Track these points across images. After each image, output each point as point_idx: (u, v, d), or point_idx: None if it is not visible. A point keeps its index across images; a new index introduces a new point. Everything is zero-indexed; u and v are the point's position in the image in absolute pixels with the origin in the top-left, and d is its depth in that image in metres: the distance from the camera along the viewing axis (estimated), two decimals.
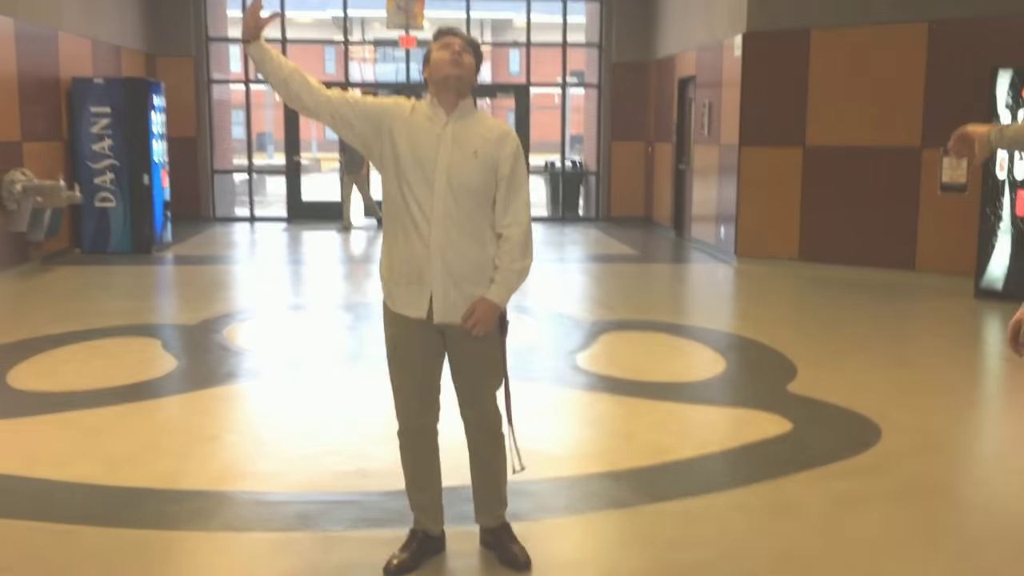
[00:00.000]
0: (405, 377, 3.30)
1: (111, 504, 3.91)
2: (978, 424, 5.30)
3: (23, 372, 5.92)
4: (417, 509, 3.42)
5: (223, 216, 15.09)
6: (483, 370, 3.30)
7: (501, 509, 3.45)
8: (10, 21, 9.39)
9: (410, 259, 3.15)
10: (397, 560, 3.32)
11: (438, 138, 3.14)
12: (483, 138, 3.17)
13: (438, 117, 3.17)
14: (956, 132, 2.95)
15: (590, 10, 15.95)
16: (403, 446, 3.38)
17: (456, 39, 3.19)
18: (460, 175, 3.11)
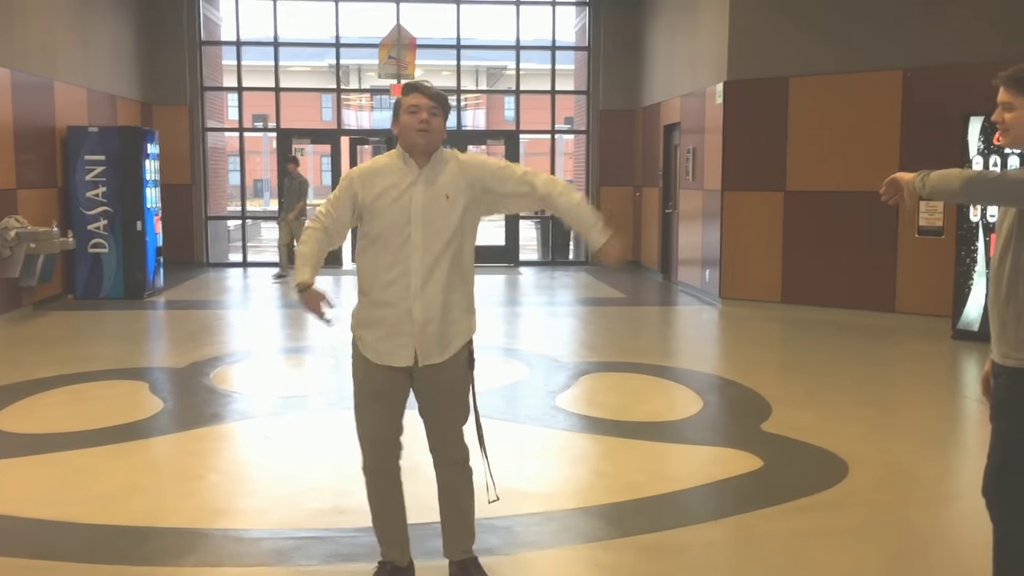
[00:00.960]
0: (371, 418, 3.40)
1: (91, 541, 4.01)
2: (945, 461, 5.40)
3: (12, 414, 6.02)
4: (385, 542, 3.52)
5: (217, 262, 15.26)
6: (451, 406, 3.43)
7: (469, 543, 3.54)
8: (7, 71, 9.62)
9: (389, 312, 3.29)
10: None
11: (411, 190, 3.28)
12: (448, 177, 3.33)
13: (410, 171, 3.31)
14: (887, 178, 3.10)
15: (578, 58, 16.28)
16: (369, 483, 3.48)
17: (424, 100, 3.29)
18: (436, 221, 3.26)
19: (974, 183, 2.91)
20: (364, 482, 3.49)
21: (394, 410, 3.40)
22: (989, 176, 2.95)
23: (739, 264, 10.71)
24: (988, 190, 2.96)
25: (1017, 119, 2.95)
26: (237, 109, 15.92)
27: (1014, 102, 2.95)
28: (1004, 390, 2.98)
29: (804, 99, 10.16)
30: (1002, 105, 2.98)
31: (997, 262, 3.00)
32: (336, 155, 15.67)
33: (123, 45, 13.22)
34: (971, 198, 2.99)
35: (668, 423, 5.97)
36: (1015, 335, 2.93)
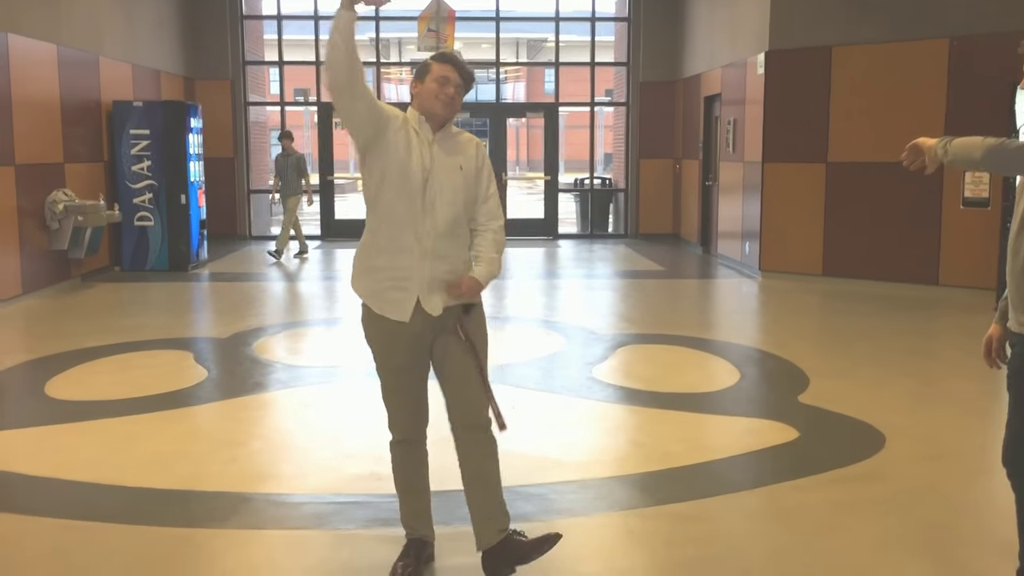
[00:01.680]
0: (397, 391, 3.38)
1: (135, 504, 4.13)
2: (984, 434, 5.34)
3: (60, 383, 6.18)
4: (413, 517, 3.49)
5: (259, 235, 15.44)
6: (467, 367, 3.30)
7: (504, 522, 3.32)
8: (53, 47, 9.78)
9: (396, 266, 3.26)
10: (401, 569, 3.37)
11: (425, 154, 3.28)
12: (463, 151, 3.35)
13: (425, 133, 3.31)
14: (909, 144, 3.05)
15: (618, 30, 16.15)
16: (395, 457, 3.48)
17: (456, 75, 3.27)
18: (449, 188, 3.27)
19: (996, 152, 2.87)
20: (390, 458, 3.49)
21: (418, 382, 3.37)
22: (1012, 145, 2.90)
23: (780, 236, 10.62)
24: (1011, 159, 2.90)
25: None
26: (278, 83, 16.04)
27: None
28: (1019, 359, 2.98)
29: (847, 69, 10.00)
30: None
31: (1015, 233, 2.97)
32: None
33: (166, 20, 13.36)
34: (993, 167, 2.95)
35: (705, 394, 5.97)
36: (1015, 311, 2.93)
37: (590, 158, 16.41)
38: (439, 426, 3.49)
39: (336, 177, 16.69)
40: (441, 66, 3.29)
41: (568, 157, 26.35)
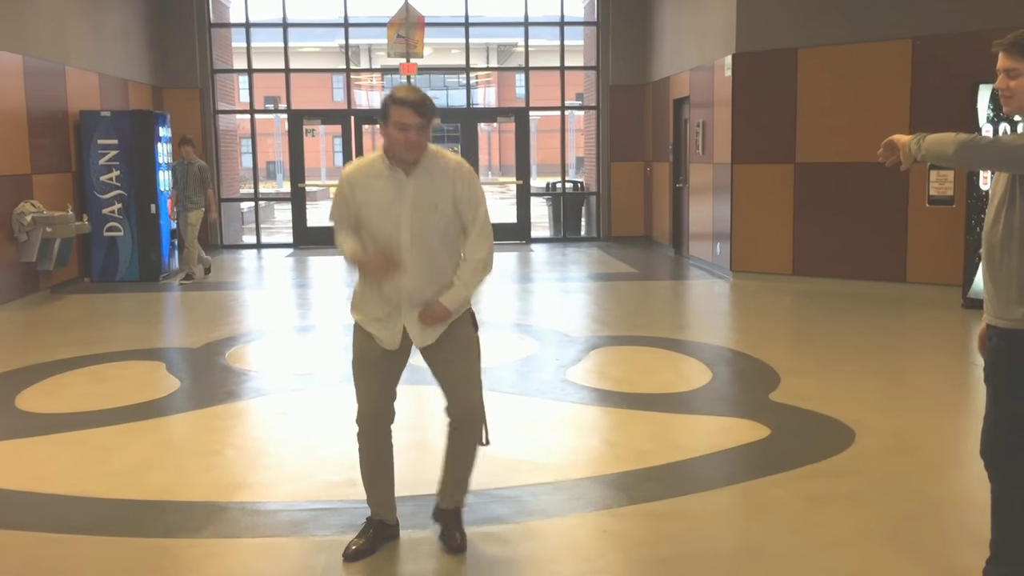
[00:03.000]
0: (367, 383, 3.58)
1: (109, 515, 4.11)
2: (953, 428, 5.43)
3: (31, 395, 6.13)
4: (374, 501, 3.69)
5: (230, 243, 15.36)
6: (462, 365, 3.58)
7: (461, 496, 3.72)
8: (19, 57, 9.70)
9: (383, 304, 3.47)
10: (355, 545, 3.60)
11: (400, 198, 3.39)
12: (440, 187, 3.42)
13: (396, 179, 3.41)
14: (885, 140, 3.13)
15: (587, 34, 16.24)
16: (362, 443, 3.64)
17: (414, 118, 3.31)
18: (424, 228, 3.40)
19: (968, 147, 2.93)
20: (357, 444, 3.64)
21: (390, 377, 3.59)
22: (983, 141, 2.97)
23: (750, 237, 10.72)
24: (983, 155, 2.99)
25: (1022, 85, 2.96)
26: (248, 91, 15.97)
27: (1019, 67, 2.95)
28: (995, 351, 3.04)
29: (813, 70, 10.13)
30: (1005, 72, 2.99)
31: (990, 226, 3.03)
32: (347, 135, 15.71)
33: (133, 29, 13.28)
34: (965, 162, 3.03)
35: (677, 394, 6.02)
36: (1007, 297, 2.97)
37: (561, 162, 16.47)
38: (418, 428, 3.51)
39: (307, 184, 16.64)
40: (398, 110, 3.33)
41: (540, 161, 26.46)
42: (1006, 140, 2.93)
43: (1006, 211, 2.96)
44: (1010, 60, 2.97)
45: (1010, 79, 2.98)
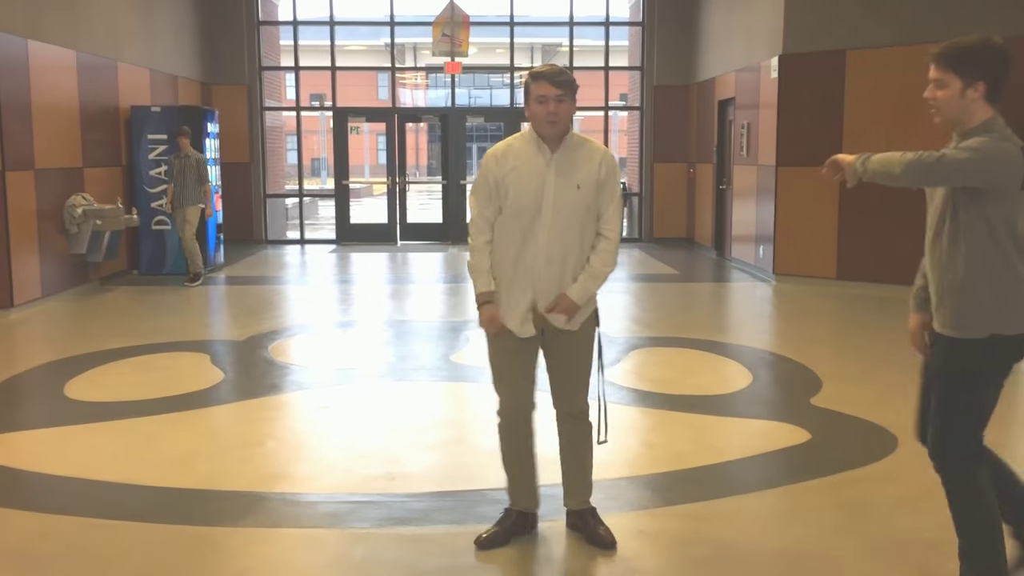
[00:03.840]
0: (506, 371, 3.60)
1: (154, 503, 4.20)
2: (996, 435, 5.33)
3: (80, 384, 6.26)
4: (517, 492, 3.71)
5: (275, 239, 15.54)
6: (574, 362, 3.63)
7: (587, 494, 3.75)
8: (72, 53, 9.90)
9: (517, 284, 3.49)
10: (487, 534, 3.63)
11: (543, 175, 3.45)
12: (584, 169, 3.47)
13: (543, 154, 3.47)
14: (829, 159, 3.12)
15: (632, 34, 16.19)
16: (502, 434, 3.68)
17: (552, 89, 3.41)
18: (566, 206, 3.44)
19: (916, 167, 2.92)
20: (498, 434, 3.68)
21: (528, 365, 3.59)
22: (930, 159, 2.91)
23: (793, 240, 10.62)
24: (928, 173, 2.95)
25: (948, 96, 3.02)
26: (294, 88, 16.16)
27: (944, 79, 3.02)
28: (941, 359, 3.12)
29: (861, 72, 10.00)
30: (934, 82, 3.05)
31: (933, 237, 3.09)
32: (391, 133, 15.82)
33: (184, 26, 13.49)
34: (914, 182, 3.00)
35: (717, 396, 5.99)
36: (952, 307, 3.03)
37: None
38: (458, 424, 3.54)
39: (351, 181, 16.78)
40: (536, 84, 3.44)
41: None
42: (951, 156, 2.91)
43: (948, 223, 3.02)
44: (938, 71, 3.03)
45: (938, 89, 3.04)
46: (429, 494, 4.25)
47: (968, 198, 2.96)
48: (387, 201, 15.88)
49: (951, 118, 3.05)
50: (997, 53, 3.04)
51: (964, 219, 2.98)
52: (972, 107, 3.02)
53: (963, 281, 3.01)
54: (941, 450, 3.17)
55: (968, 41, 3.04)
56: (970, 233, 2.99)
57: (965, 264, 3.00)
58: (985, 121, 3.03)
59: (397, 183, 15.62)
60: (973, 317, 3.02)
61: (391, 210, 15.68)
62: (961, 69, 2.99)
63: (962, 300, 3.02)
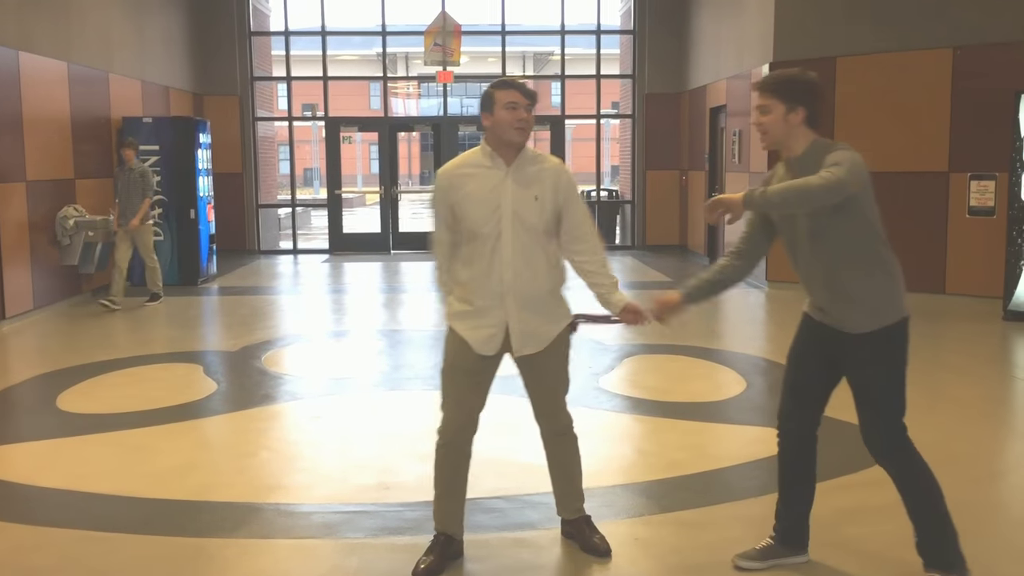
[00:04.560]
0: (457, 392, 3.52)
1: (148, 514, 4.18)
2: (992, 441, 5.37)
3: (72, 396, 6.24)
4: (444, 515, 3.61)
5: (267, 249, 15.53)
6: (553, 380, 3.59)
7: (579, 503, 3.74)
8: (64, 64, 9.89)
9: (486, 304, 3.42)
10: (424, 564, 3.51)
11: (500, 187, 3.39)
12: (540, 180, 3.43)
13: (498, 167, 3.42)
14: (709, 201, 3.20)
15: (623, 42, 16.24)
16: (440, 457, 3.58)
17: (522, 98, 3.38)
18: (524, 218, 3.39)
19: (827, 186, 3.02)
20: (435, 454, 3.58)
21: (480, 388, 3.52)
22: (832, 179, 3.03)
23: None
24: (837, 190, 3.04)
25: (773, 120, 3.23)
26: (286, 98, 16.15)
27: (769, 104, 3.24)
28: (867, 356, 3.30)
29: (852, 79, 10.05)
30: (759, 108, 3.25)
31: (808, 257, 3.29)
32: (384, 143, 15.83)
33: (175, 37, 13.50)
34: (826, 200, 3.09)
35: (711, 403, 6.00)
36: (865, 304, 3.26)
37: (597, 170, 16.46)
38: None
39: (344, 191, 16.78)
40: (505, 92, 3.39)
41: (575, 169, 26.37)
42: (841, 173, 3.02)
43: (832, 234, 3.21)
44: (762, 98, 3.25)
45: (763, 115, 3.25)
46: (423, 503, 4.21)
47: (849, 205, 3.14)
48: (380, 210, 15.89)
49: (777, 140, 3.27)
50: (813, 84, 3.29)
51: (846, 225, 3.20)
52: (795, 131, 3.24)
53: (868, 277, 3.26)
54: (892, 441, 3.36)
55: (789, 72, 3.31)
56: (855, 234, 3.22)
57: (864, 263, 3.25)
58: (812, 143, 3.25)
59: (390, 192, 15.63)
60: (888, 305, 3.29)
61: (384, 219, 15.68)
62: (783, 95, 3.22)
63: (874, 294, 3.26)
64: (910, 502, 3.40)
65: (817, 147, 3.24)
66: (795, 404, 3.55)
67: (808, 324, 3.51)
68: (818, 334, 3.44)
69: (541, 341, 3.48)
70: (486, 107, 3.42)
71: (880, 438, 3.36)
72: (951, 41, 9.45)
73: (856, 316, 3.28)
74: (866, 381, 3.35)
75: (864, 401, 3.36)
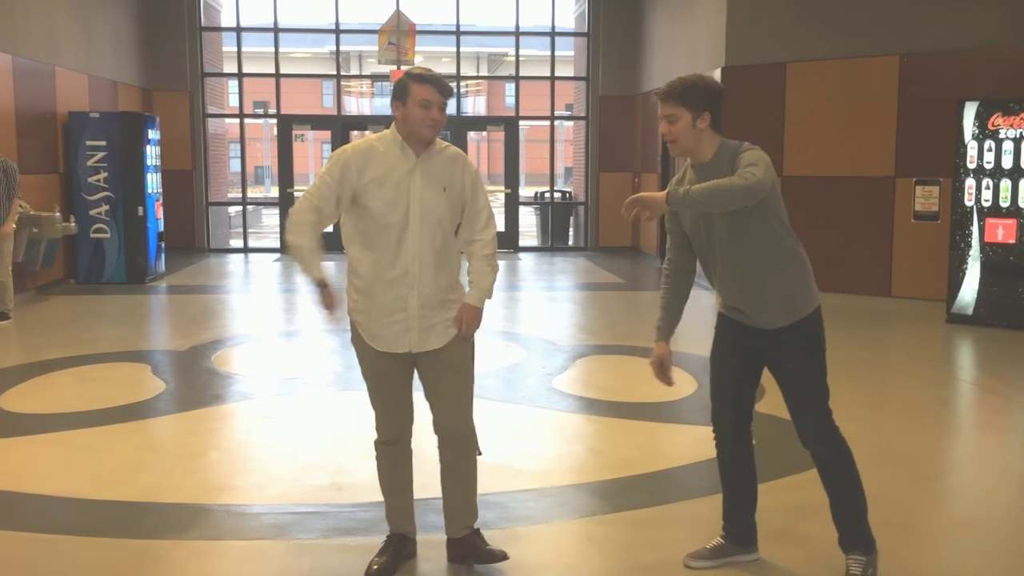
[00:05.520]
0: (381, 395, 3.49)
1: (94, 516, 4.10)
2: (935, 440, 5.48)
3: (16, 395, 6.11)
4: (395, 513, 3.58)
5: (217, 247, 15.34)
6: (454, 381, 3.47)
7: (471, 519, 3.57)
8: (8, 57, 9.68)
9: (389, 297, 3.33)
10: (377, 564, 3.47)
11: (409, 179, 3.31)
12: (448, 171, 3.38)
13: (407, 158, 3.34)
14: (630, 199, 3.19)
15: (578, 45, 16.31)
16: (379, 456, 3.56)
17: (438, 96, 3.30)
18: (433, 211, 3.32)
19: (749, 187, 3.05)
20: (375, 456, 3.56)
21: (402, 387, 3.48)
22: (752, 180, 3.07)
23: None
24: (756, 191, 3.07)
25: (682, 129, 3.25)
26: (238, 95, 15.97)
27: (676, 113, 3.25)
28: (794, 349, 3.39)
29: (801, 85, 10.21)
30: (666, 118, 3.26)
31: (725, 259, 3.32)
32: (336, 141, 15.72)
33: (124, 31, 13.27)
34: (747, 200, 3.11)
35: (663, 404, 6.04)
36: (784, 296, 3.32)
37: (550, 171, 16.52)
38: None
39: (295, 189, 16.61)
40: (421, 87, 3.30)
41: (528, 171, 26.47)
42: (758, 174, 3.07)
43: (745, 233, 3.24)
44: (667, 107, 3.27)
45: (671, 124, 3.26)
46: (376, 504, 4.17)
47: (762, 203, 3.17)
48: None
49: (687, 148, 3.28)
50: (715, 87, 3.30)
51: (760, 223, 3.24)
52: (703, 136, 3.26)
53: (784, 271, 3.31)
54: (826, 430, 3.46)
55: (690, 78, 3.30)
56: (769, 231, 3.27)
57: (779, 258, 3.31)
58: (720, 146, 3.28)
59: None
60: (803, 297, 3.36)
61: None
62: (688, 103, 3.23)
63: (790, 288, 3.33)
64: (838, 486, 3.49)
65: (725, 150, 3.27)
66: (725, 405, 3.64)
67: (726, 324, 3.57)
68: (737, 332, 3.51)
69: (443, 336, 3.40)
70: (399, 97, 3.31)
71: (811, 424, 3.45)
72: (898, 49, 9.64)
73: (775, 313, 3.34)
74: (791, 371, 3.44)
75: (792, 391, 3.47)
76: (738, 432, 3.65)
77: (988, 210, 8.51)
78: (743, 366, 3.54)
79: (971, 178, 8.60)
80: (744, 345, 3.50)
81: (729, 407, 3.62)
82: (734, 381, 3.59)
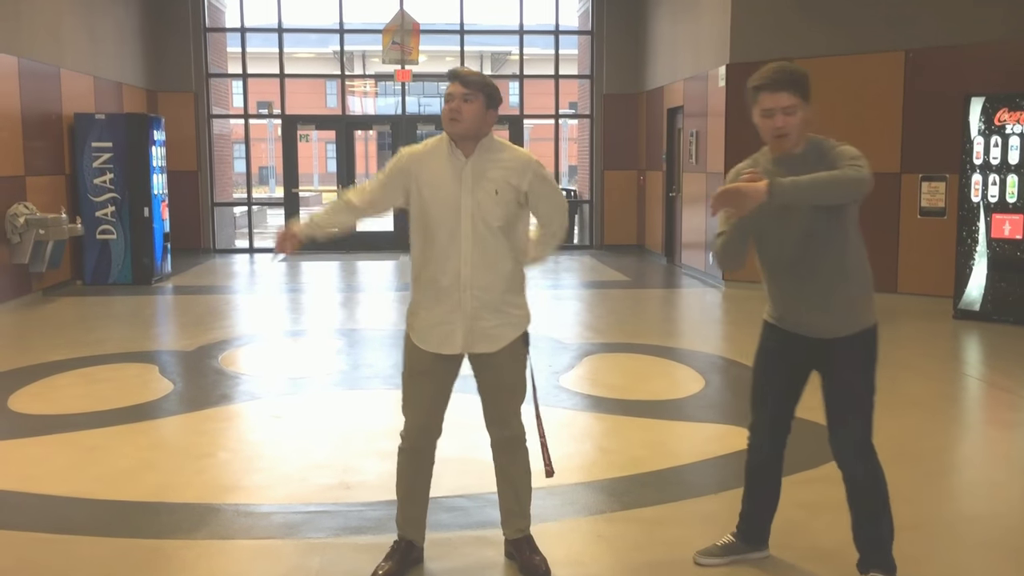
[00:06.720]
0: (417, 396, 3.44)
1: (104, 516, 4.11)
2: (944, 437, 5.47)
3: (24, 396, 6.12)
4: (406, 520, 3.55)
5: (223, 248, 15.36)
6: (510, 390, 3.47)
7: (524, 523, 3.57)
8: (14, 59, 9.69)
9: (440, 299, 3.33)
10: (383, 570, 3.45)
11: (459, 179, 3.29)
12: (503, 175, 3.32)
13: (457, 159, 3.32)
14: (723, 188, 3.09)
15: (582, 43, 16.30)
16: (402, 461, 3.52)
17: (457, 88, 3.28)
18: (483, 214, 3.29)
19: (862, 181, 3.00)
20: (397, 458, 3.52)
21: (441, 390, 3.45)
22: (863, 173, 3.02)
23: None
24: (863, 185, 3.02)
25: (800, 121, 3.14)
26: (242, 96, 15.99)
27: (795, 103, 3.13)
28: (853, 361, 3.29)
29: None
30: (783, 110, 3.13)
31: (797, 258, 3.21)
32: (341, 141, 15.73)
33: (129, 32, 13.29)
34: (859, 195, 3.08)
35: (670, 401, 6.05)
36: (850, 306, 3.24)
37: (555, 170, 16.50)
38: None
39: (300, 190, 16.63)
40: (449, 85, 3.32)
41: None
42: (863, 168, 3.02)
43: (824, 235, 3.16)
44: (787, 97, 3.13)
45: (789, 116, 3.13)
46: (385, 503, 4.20)
47: (848, 206, 3.13)
48: None
49: (795, 141, 3.17)
50: (807, 76, 3.21)
51: (841, 226, 3.17)
52: (804, 128, 3.19)
53: (851, 279, 3.22)
54: (867, 448, 3.32)
55: (795, 66, 3.21)
56: (846, 235, 3.19)
57: (850, 264, 3.21)
58: (810, 140, 3.22)
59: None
60: (865, 308, 3.27)
61: None
62: (805, 93, 3.16)
63: (855, 296, 3.24)
64: (867, 510, 3.36)
65: (816, 144, 3.17)
66: (765, 417, 3.53)
67: (774, 335, 3.45)
68: (787, 344, 3.39)
69: (495, 342, 3.37)
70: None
71: (855, 438, 3.31)
72: (904, 44, 9.62)
73: (838, 320, 3.24)
74: (844, 382, 3.30)
75: (840, 402, 3.32)
76: (775, 443, 3.56)
77: (995, 206, 8.49)
78: (788, 380, 3.44)
79: (977, 174, 8.58)
80: (793, 357, 3.39)
81: (768, 419, 3.54)
82: (776, 394, 3.49)
